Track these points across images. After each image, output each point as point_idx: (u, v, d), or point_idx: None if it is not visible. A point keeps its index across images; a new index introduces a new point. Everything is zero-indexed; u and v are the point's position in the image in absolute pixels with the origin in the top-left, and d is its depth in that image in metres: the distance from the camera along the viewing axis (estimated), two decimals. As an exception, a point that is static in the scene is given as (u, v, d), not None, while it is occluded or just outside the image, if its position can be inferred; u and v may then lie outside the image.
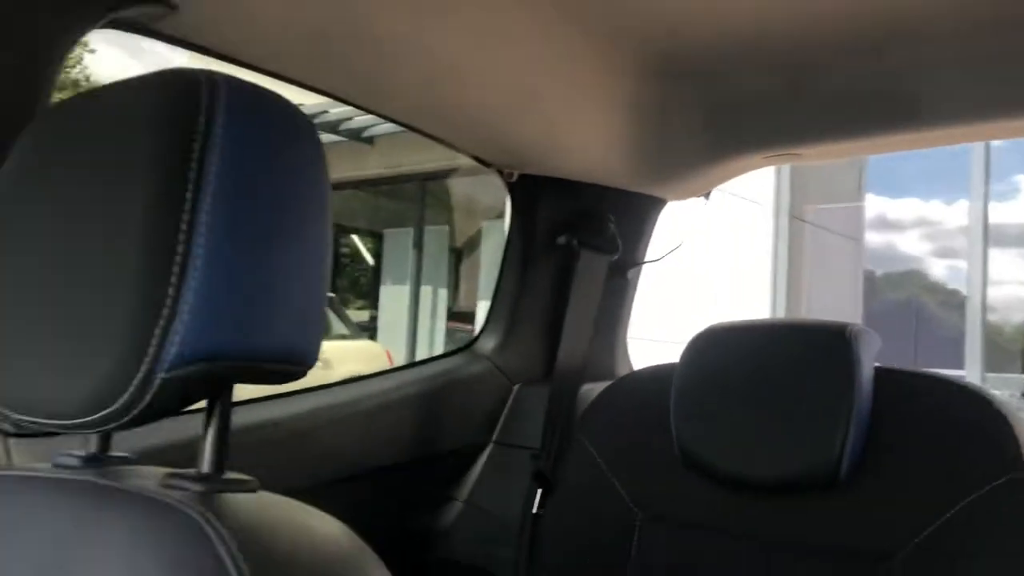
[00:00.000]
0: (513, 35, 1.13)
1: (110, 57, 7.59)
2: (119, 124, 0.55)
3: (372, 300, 10.13)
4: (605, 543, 1.29)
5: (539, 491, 1.46)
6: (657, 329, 4.48)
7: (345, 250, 10.80)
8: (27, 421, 0.57)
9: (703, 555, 1.21)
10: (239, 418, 0.97)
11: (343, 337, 8.23)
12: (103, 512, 0.55)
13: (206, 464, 0.58)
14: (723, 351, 1.27)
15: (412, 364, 1.67)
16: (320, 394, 1.37)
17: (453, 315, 9.21)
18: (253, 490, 0.58)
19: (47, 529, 0.56)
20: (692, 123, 1.46)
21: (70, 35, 0.85)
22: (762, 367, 1.22)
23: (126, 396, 0.51)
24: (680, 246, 1.70)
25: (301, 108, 0.60)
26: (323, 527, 0.56)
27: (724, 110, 1.42)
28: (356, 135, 8.31)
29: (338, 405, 1.37)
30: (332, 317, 8.07)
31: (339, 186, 8.68)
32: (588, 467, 1.33)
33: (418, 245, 9.39)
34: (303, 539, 0.54)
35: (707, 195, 1.70)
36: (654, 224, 1.73)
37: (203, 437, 0.59)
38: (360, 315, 9.86)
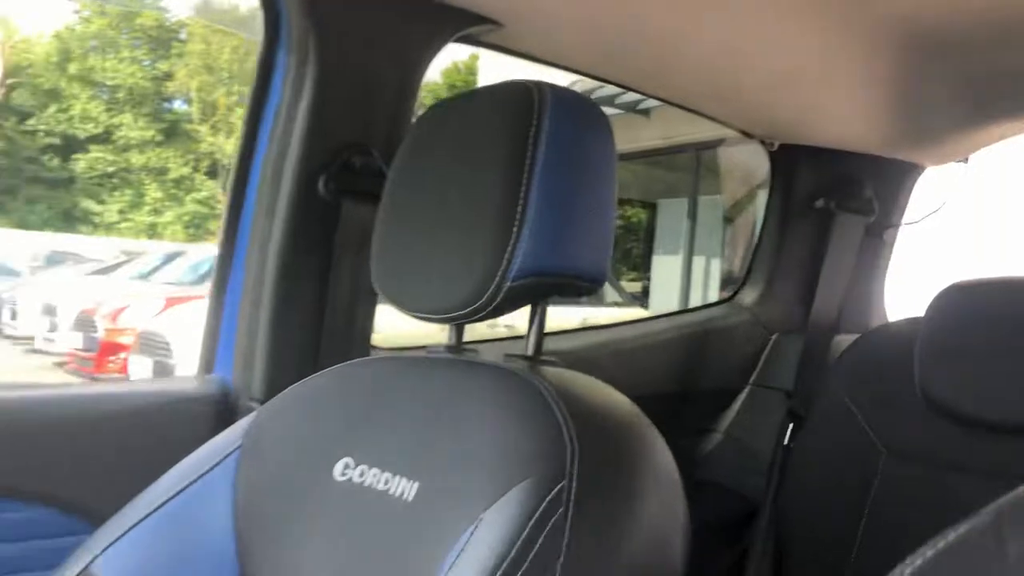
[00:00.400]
0: (777, 19, 1.26)
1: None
2: (481, 120, 0.82)
3: (644, 271, 10.28)
4: (849, 475, 1.44)
5: (791, 426, 1.63)
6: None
7: (619, 222, 11.03)
8: (419, 316, 0.86)
9: (942, 488, 1.33)
10: None
11: (616, 304, 8.54)
12: (465, 379, 0.83)
13: (530, 348, 0.86)
14: (967, 305, 1.38)
15: (680, 311, 1.90)
16: (597, 332, 1.64)
17: (727, 284, 9.19)
18: (561, 368, 0.85)
19: (426, 392, 0.85)
20: (949, 93, 1.54)
21: (430, 51, 1.16)
22: (1004, 318, 1.32)
23: (485, 297, 0.79)
24: (939, 210, 1.78)
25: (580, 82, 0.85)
26: (616, 394, 0.82)
27: (980, 80, 1.49)
28: (632, 107, 8.48)
29: (615, 341, 1.63)
30: (605, 285, 8.36)
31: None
32: (837, 407, 1.49)
33: (692, 215, 9.42)
34: (605, 399, 0.80)
35: (966, 160, 1.76)
36: (911, 188, 1.82)
37: (528, 330, 0.86)
38: (632, 286, 10.09)
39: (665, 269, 9.68)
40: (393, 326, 1.21)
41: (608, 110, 1.81)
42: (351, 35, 1.11)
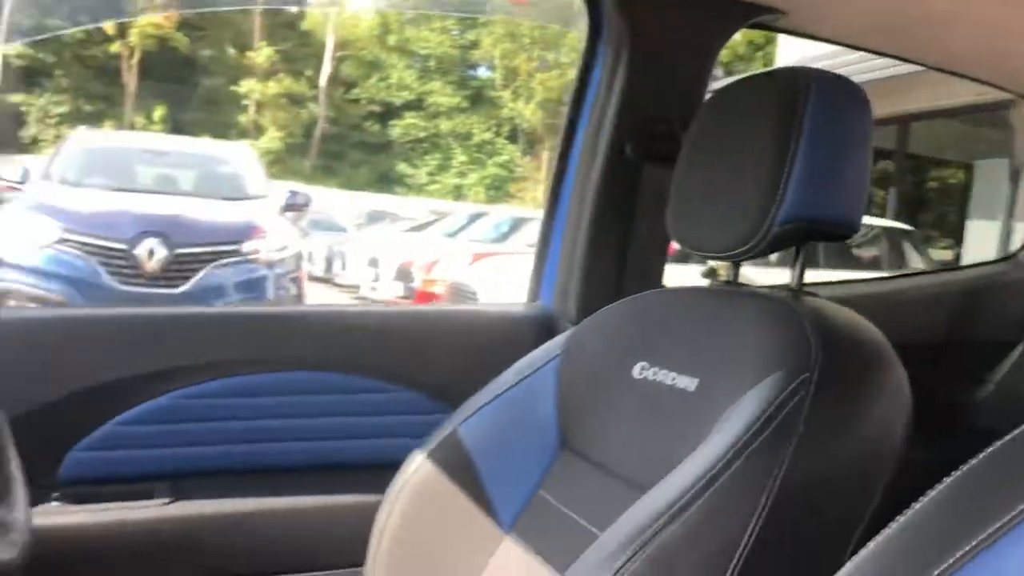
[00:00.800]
0: None
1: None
2: (760, 98, 1.04)
3: (958, 238, 9.60)
4: None
5: None
6: None
7: (933, 184, 10.39)
8: (703, 254, 1.10)
9: None
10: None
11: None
12: (736, 303, 1.05)
13: (793, 282, 1.07)
14: None
15: (957, 267, 1.98)
16: (868, 284, 1.78)
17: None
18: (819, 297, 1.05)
19: (706, 311, 1.08)
20: None
21: (722, 39, 1.39)
22: None
23: (755, 240, 1.00)
24: None
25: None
26: (864, 321, 0.99)
27: None
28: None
29: (888, 292, 1.77)
30: (910, 251, 8.00)
31: (923, 116, 8.39)
32: None
33: (1015, 177, 8.65)
34: (851, 320, 0.99)
35: None
36: None
37: (793, 266, 1.07)
38: (943, 254, 9.49)
39: (981, 236, 8.97)
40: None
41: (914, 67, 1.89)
42: (658, 30, 1.36)
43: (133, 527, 1.22)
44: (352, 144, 30.35)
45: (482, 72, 32.26)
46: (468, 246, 8.49)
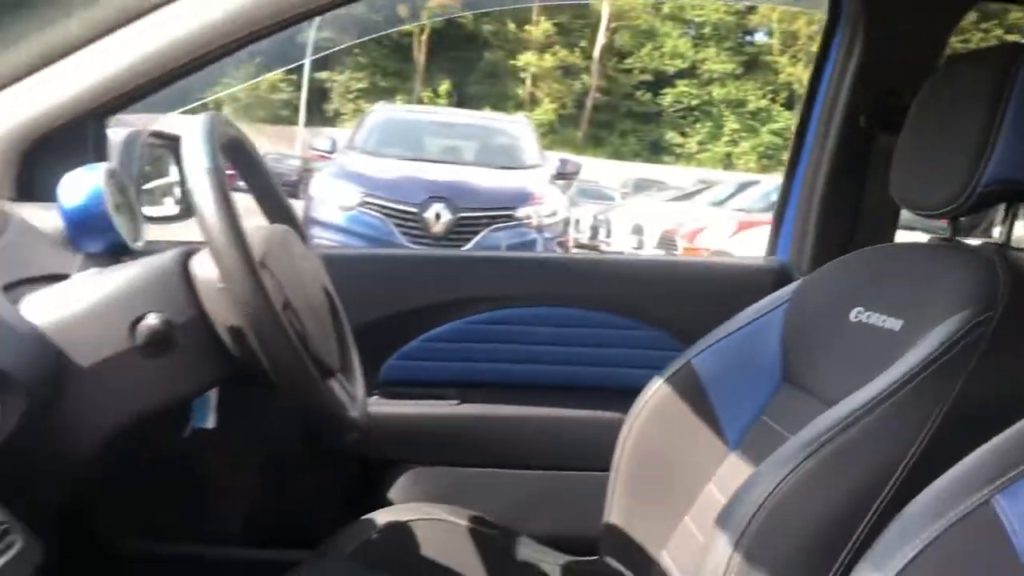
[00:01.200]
0: None
1: None
2: (978, 68, 1.13)
3: None
4: None
5: None
6: None
7: None
8: (918, 212, 1.22)
9: None
10: None
11: None
12: (943, 255, 1.17)
13: (1001, 239, 1.16)
14: None
15: None
16: None
17: None
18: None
19: (917, 262, 1.20)
20: None
21: (955, 17, 1.47)
22: None
23: (962, 198, 1.11)
24: None
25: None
26: None
27: None
28: None
29: None
30: None
31: None
32: None
33: None
34: None
35: None
36: None
37: (1002, 225, 1.17)
38: None
39: None
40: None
41: None
42: (891, 11, 1.47)
43: (430, 420, 1.55)
44: (622, 113, 30.59)
45: (759, 37, 31.26)
46: (734, 215, 8.45)
